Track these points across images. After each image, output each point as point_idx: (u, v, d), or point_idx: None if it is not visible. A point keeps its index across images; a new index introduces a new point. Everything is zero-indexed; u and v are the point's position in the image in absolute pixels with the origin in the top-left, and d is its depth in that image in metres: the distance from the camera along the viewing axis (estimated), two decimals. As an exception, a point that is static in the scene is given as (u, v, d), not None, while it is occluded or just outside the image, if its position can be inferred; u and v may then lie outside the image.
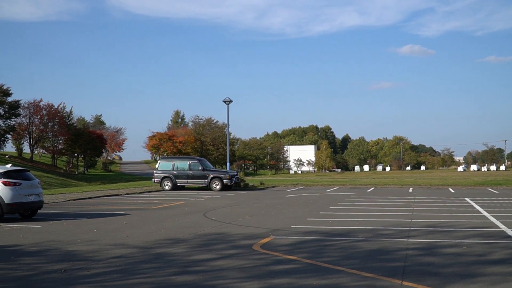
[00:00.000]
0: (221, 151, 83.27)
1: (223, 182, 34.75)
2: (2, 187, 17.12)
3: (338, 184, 43.05)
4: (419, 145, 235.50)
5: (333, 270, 9.45)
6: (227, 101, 42.84)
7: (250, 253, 11.23)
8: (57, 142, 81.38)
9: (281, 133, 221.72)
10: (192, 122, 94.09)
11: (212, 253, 11.21)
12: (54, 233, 14.45)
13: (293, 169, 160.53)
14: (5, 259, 10.70)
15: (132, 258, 10.73)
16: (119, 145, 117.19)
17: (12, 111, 72.56)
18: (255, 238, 13.28)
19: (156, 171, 36.64)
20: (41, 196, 18.75)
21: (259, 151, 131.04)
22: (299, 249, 11.74)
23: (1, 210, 17.02)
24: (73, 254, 11.16)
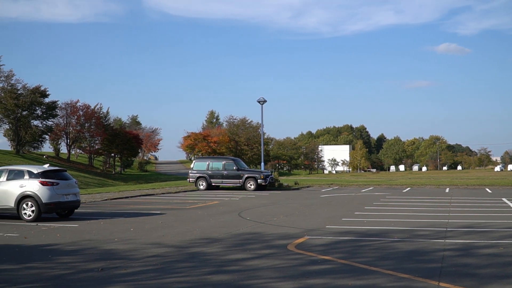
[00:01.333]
0: (255, 151, 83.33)
1: (257, 182, 34.77)
2: (40, 186, 17.42)
3: (373, 184, 42.71)
4: (456, 145, 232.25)
5: (369, 270, 9.39)
6: (261, 101, 42.85)
7: (285, 253, 11.23)
8: (94, 142, 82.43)
9: (315, 132, 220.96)
10: (227, 122, 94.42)
11: (247, 252, 11.24)
12: (91, 232, 14.66)
13: (328, 169, 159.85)
14: (43, 258, 10.90)
15: (168, 257, 10.83)
16: (154, 145, 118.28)
17: (50, 112, 73.75)
18: (290, 238, 13.27)
19: (191, 171, 36.83)
20: (78, 196, 19.03)
21: (293, 151, 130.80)
22: (334, 249, 11.70)
23: (38, 210, 17.33)
24: (110, 253, 11.31)
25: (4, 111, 67.84)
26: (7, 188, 17.65)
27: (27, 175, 17.77)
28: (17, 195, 17.44)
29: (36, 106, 70.80)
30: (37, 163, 56.24)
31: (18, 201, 17.42)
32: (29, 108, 69.33)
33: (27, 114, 69.77)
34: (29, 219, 17.26)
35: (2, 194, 17.64)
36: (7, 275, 9.21)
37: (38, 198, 17.27)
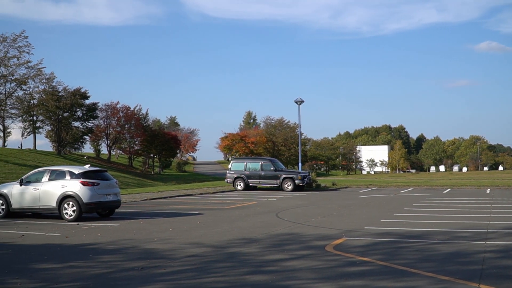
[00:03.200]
0: (292, 152, 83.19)
1: (295, 182, 34.71)
2: (81, 187, 17.73)
3: (412, 185, 42.21)
4: (497, 145, 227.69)
5: (408, 272, 9.30)
6: (299, 101, 42.77)
7: (323, 254, 11.20)
8: (134, 143, 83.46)
9: (353, 133, 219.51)
10: (264, 123, 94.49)
11: (285, 253, 11.25)
12: (131, 232, 14.86)
13: (366, 170, 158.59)
14: (84, 257, 11.09)
15: (206, 257, 10.91)
16: (192, 146, 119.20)
17: (90, 114, 74.99)
18: (328, 239, 13.22)
19: (229, 172, 36.98)
20: (119, 196, 19.29)
21: (331, 152, 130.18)
22: (373, 250, 11.61)
23: (79, 209, 17.64)
24: (150, 252, 11.44)
25: (46, 113, 69.20)
26: (49, 188, 18.02)
27: (69, 175, 18.10)
28: (59, 195, 17.78)
29: (77, 108, 72.04)
30: (78, 163, 57.23)
31: (60, 201, 17.76)
32: (70, 110, 70.57)
33: (68, 115, 71.06)
34: (70, 219, 17.58)
35: (44, 194, 18.02)
36: (49, 274, 9.40)
37: (79, 198, 17.57)
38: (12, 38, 67.22)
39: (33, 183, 18.44)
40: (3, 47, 67.09)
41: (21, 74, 69.46)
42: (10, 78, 68.60)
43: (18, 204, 18.45)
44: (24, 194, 18.33)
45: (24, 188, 18.37)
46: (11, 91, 69.20)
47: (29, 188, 18.32)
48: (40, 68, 70.44)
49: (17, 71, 69.09)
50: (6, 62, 67.91)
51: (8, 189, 18.73)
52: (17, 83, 69.34)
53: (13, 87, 69.48)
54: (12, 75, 68.68)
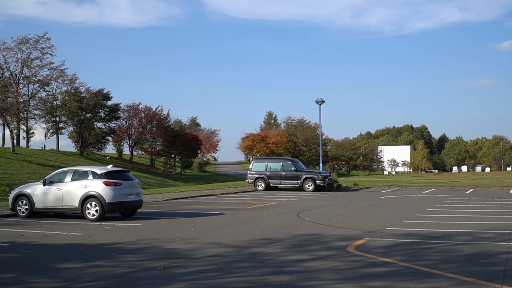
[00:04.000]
0: (313, 152, 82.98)
1: (316, 182, 34.62)
2: (103, 187, 17.87)
3: (435, 186, 41.88)
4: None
5: (431, 273, 9.23)
6: (320, 101, 42.66)
7: (345, 254, 11.16)
8: (155, 144, 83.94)
9: (374, 133, 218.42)
10: (285, 123, 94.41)
11: (306, 254, 11.23)
12: (153, 232, 14.94)
13: (388, 170, 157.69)
14: (107, 256, 11.18)
15: (227, 257, 10.93)
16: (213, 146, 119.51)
17: (112, 114, 75.56)
18: (349, 239, 13.17)
19: (250, 172, 37.00)
20: (141, 196, 19.41)
21: (352, 152, 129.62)
22: (395, 251, 11.54)
23: (102, 209, 17.77)
24: (172, 252, 11.50)
25: (69, 114, 69.86)
26: (72, 189, 18.19)
27: (91, 175, 18.26)
28: (81, 195, 17.94)
29: (99, 109, 72.64)
30: (101, 164, 57.66)
31: (83, 201, 17.92)
32: (93, 111, 71.19)
33: (90, 116, 71.67)
34: (93, 219, 17.73)
35: (67, 194, 18.19)
36: (72, 273, 9.49)
37: (102, 198, 17.71)
38: (34, 40, 68.01)
39: (56, 183, 18.62)
40: (26, 48, 67.92)
41: (44, 76, 70.31)
42: (33, 80, 69.42)
43: (42, 204, 18.65)
44: (47, 194, 18.53)
45: (47, 188, 18.57)
46: (34, 92, 70.03)
47: (52, 188, 18.51)
48: (63, 70, 71.23)
49: (40, 72, 69.97)
50: (29, 64, 68.71)
51: (32, 189, 18.94)
52: (40, 84, 70.15)
53: (36, 88, 70.33)
54: (35, 77, 69.50)
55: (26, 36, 67.65)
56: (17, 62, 68.03)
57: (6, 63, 67.07)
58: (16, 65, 68.17)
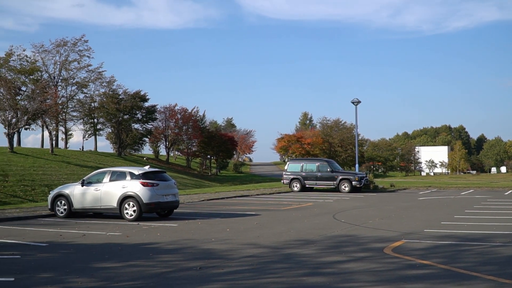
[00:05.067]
0: (349, 153, 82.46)
1: (352, 183, 34.41)
2: (141, 187, 18.07)
3: (473, 187, 41.22)
4: None
5: (469, 276, 9.09)
6: (356, 101, 42.39)
7: (381, 256, 11.06)
8: (191, 145, 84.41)
9: (411, 133, 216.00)
10: (320, 124, 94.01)
11: (342, 255, 11.16)
12: (190, 232, 15.03)
13: (425, 171, 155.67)
14: (144, 256, 11.29)
15: (263, 257, 10.94)
16: (249, 147, 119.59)
17: (149, 116, 76.26)
18: (386, 241, 13.05)
19: (285, 173, 36.95)
20: (177, 196, 19.57)
21: (388, 152, 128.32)
22: (433, 253, 11.39)
23: (139, 209, 17.97)
24: (208, 253, 11.55)
25: (107, 115, 70.75)
26: (110, 189, 18.44)
27: (129, 176, 18.48)
28: (120, 195, 18.18)
29: (136, 110, 73.38)
30: (138, 164, 58.28)
31: (121, 201, 18.16)
32: (130, 112, 71.95)
33: (128, 118, 72.44)
34: (130, 219, 17.94)
35: (105, 194, 18.45)
36: (110, 273, 9.60)
37: (139, 198, 17.91)
38: (72, 43, 68.99)
39: (95, 184, 18.90)
40: (64, 51, 68.90)
41: (82, 78, 71.27)
42: (72, 82, 70.47)
43: (80, 204, 18.94)
44: (85, 194, 18.81)
45: (86, 189, 18.86)
46: (73, 94, 71.07)
47: (90, 188, 18.79)
48: (101, 72, 72.09)
49: (78, 74, 70.92)
50: (67, 66, 69.74)
51: (70, 190, 19.25)
52: (78, 86, 71.16)
53: (74, 90, 71.35)
54: (73, 79, 70.52)
55: (64, 39, 68.71)
56: (56, 64, 69.15)
57: (44, 66, 68.22)
58: (54, 67, 69.31)
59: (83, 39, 69.89)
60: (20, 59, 62.57)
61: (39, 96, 49.42)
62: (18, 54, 62.38)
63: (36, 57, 66.37)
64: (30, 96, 51.22)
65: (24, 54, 63.40)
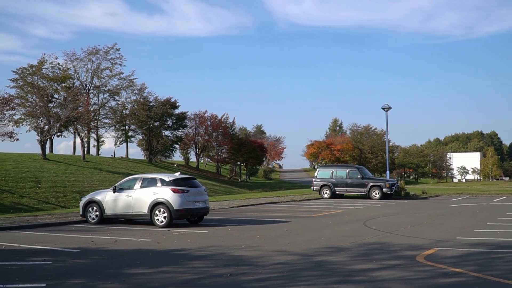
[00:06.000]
0: (380, 159, 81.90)
1: (382, 190, 34.13)
2: (171, 194, 18.16)
3: (506, 194, 40.55)
4: None
5: (503, 284, 8.92)
6: (386, 107, 42.09)
7: (414, 264, 10.92)
8: (221, 151, 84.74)
9: (443, 139, 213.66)
10: (350, 130, 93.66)
11: (374, 263, 11.05)
12: (220, 238, 15.05)
13: (457, 177, 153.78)
14: (175, 262, 11.33)
15: (294, 265, 10.89)
16: (278, 154, 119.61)
17: (180, 123, 76.79)
18: (418, 249, 12.90)
19: (315, 179, 36.84)
20: (207, 203, 19.62)
21: (420, 159, 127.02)
22: (466, 261, 11.22)
23: (170, 216, 18.06)
24: (238, 259, 11.54)
25: (137, 122, 71.46)
26: (141, 195, 18.58)
27: (160, 182, 18.59)
28: (150, 201, 18.30)
29: (167, 117, 73.97)
30: (168, 171, 58.66)
31: (151, 208, 18.28)
32: (161, 119, 72.55)
33: (158, 125, 73.05)
34: (161, 225, 18.04)
35: (136, 201, 18.59)
36: (141, 279, 9.65)
37: (170, 205, 18.00)
38: (104, 51, 69.93)
39: (126, 190, 19.06)
40: (96, 59, 69.87)
41: (113, 85, 72.15)
42: (103, 89, 71.39)
43: (111, 211, 19.12)
44: (117, 200, 18.98)
45: (117, 195, 19.03)
46: (105, 101, 71.98)
47: (122, 195, 18.96)
48: (132, 79, 72.92)
49: (109, 82, 71.85)
50: (99, 74, 70.70)
51: (102, 196, 19.45)
52: (110, 94, 72.06)
53: (106, 98, 72.27)
54: (105, 86, 71.44)
55: (96, 47, 69.71)
56: (87, 72, 70.18)
57: (76, 73, 69.25)
58: (86, 75, 70.36)
59: (115, 47, 70.86)
60: (53, 67, 63.59)
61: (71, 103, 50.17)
62: (51, 62, 63.40)
63: (68, 65, 67.45)
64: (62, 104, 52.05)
65: (56, 62, 64.44)
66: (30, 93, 56.53)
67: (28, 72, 61.45)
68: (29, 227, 18.29)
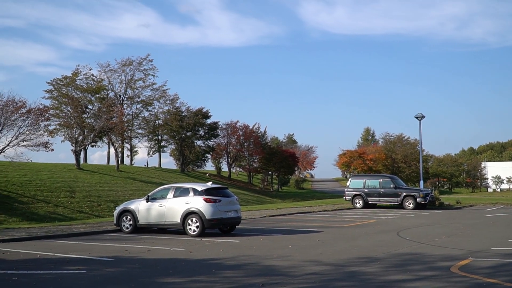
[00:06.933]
0: (413, 169, 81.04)
1: (416, 200, 33.75)
2: (204, 203, 18.26)
3: (544, 204, 39.73)
4: None
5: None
6: (419, 116, 41.72)
7: (448, 275, 10.79)
8: (253, 161, 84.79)
9: (477, 148, 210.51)
10: (383, 139, 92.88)
11: (408, 274, 10.95)
12: (252, 248, 15.07)
13: (492, 187, 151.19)
14: (207, 272, 11.38)
15: (326, 275, 10.85)
16: (310, 163, 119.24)
17: (211, 132, 77.18)
18: (453, 259, 12.74)
19: (347, 189, 36.64)
20: (239, 212, 19.66)
21: (454, 168, 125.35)
22: (501, 272, 11.05)
23: (202, 225, 18.15)
24: (270, 269, 11.55)
25: (170, 132, 72.04)
26: (173, 205, 18.73)
27: (192, 192, 18.72)
28: (183, 211, 18.43)
29: (199, 127, 74.41)
30: (201, 181, 58.94)
31: (184, 217, 18.40)
32: (193, 129, 73.01)
33: (191, 134, 73.52)
34: (193, 234, 18.14)
35: (169, 210, 18.74)
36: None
37: (202, 214, 18.10)
38: (137, 62, 70.83)
39: (159, 200, 19.23)
40: (130, 70, 70.82)
41: (146, 96, 72.96)
42: (137, 100, 72.22)
43: (145, 220, 19.30)
44: (150, 210, 19.16)
45: (151, 205, 19.22)
46: (138, 112, 72.80)
47: (155, 204, 19.14)
48: (165, 90, 73.64)
49: (143, 93, 72.69)
50: (133, 85, 71.60)
51: (135, 205, 19.66)
52: (143, 105, 72.86)
53: (139, 108, 73.10)
54: (138, 97, 72.29)
55: (130, 58, 70.62)
56: (121, 83, 71.14)
57: (110, 84, 70.26)
58: (120, 86, 71.32)
59: (148, 58, 71.70)
60: (87, 78, 64.59)
61: (105, 114, 50.81)
62: (85, 73, 64.44)
63: (102, 76, 68.50)
64: (96, 114, 52.76)
65: (90, 73, 65.46)
66: (64, 104, 57.45)
67: (63, 83, 62.52)
68: (64, 236, 18.58)
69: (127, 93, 71.91)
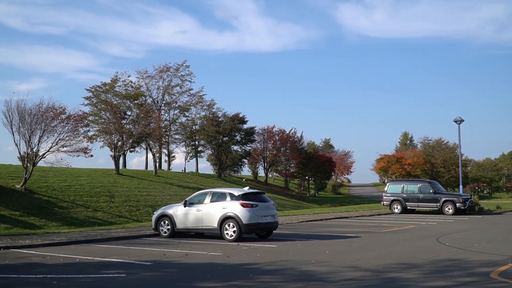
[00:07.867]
0: (452, 173, 79.84)
1: (456, 205, 33.28)
2: (240, 208, 18.33)
3: None
4: None
5: None
6: (459, 120, 41.15)
7: (488, 281, 10.63)
8: (289, 166, 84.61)
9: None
10: (421, 144, 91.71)
11: (447, 280, 10.81)
12: (289, 253, 15.06)
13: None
14: (245, 276, 11.42)
15: (364, 281, 10.78)
16: (347, 168, 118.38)
17: (248, 137, 77.33)
18: (493, 265, 12.53)
19: (385, 194, 36.32)
20: (276, 217, 19.67)
21: (494, 173, 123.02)
22: (544, 279, 10.82)
23: (239, 230, 18.21)
24: (307, 274, 11.53)
25: (207, 138, 72.46)
26: (211, 210, 18.84)
27: (229, 197, 18.81)
28: (220, 216, 18.53)
29: (236, 132, 74.65)
30: (237, 186, 59.07)
31: (221, 222, 18.50)
32: (229, 134, 73.29)
33: (227, 140, 73.82)
34: (230, 239, 18.21)
35: (206, 215, 18.87)
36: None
37: (239, 219, 18.17)
38: (175, 68, 71.45)
39: (196, 205, 19.37)
40: (167, 76, 71.47)
41: (183, 102, 73.52)
42: (174, 106, 72.86)
43: (182, 225, 19.46)
44: (187, 215, 19.32)
45: (188, 209, 19.37)
46: (175, 117, 73.38)
47: (192, 209, 19.28)
48: (201, 96, 74.10)
49: (180, 98, 73.28)
50: (170, 91, 72.25)
51: (173, 210, 19.84)
52: (180, 110, 73.45)
53: (177, 114, 73.67)
54: (175, 103, 72.92)
55: (167, 65, 71.23)
56: (159, 89, 71.82)
57: (148, 91, 70.99)
58: (157, 92, 71.99)
59: (185, 64, 72.27)
60: (125, 85, 65.37)
61: (143, 120, 51.35)
62: (123, 80, 65.23)
63: (140, 83, 69.24)
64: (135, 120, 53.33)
65: (129, 80, 66.22)
66: (103, 110, 58.24)
67: (102, 90, 63.43)
68: (103, 240, 18.85)
69: (165, 99, 72.59)
